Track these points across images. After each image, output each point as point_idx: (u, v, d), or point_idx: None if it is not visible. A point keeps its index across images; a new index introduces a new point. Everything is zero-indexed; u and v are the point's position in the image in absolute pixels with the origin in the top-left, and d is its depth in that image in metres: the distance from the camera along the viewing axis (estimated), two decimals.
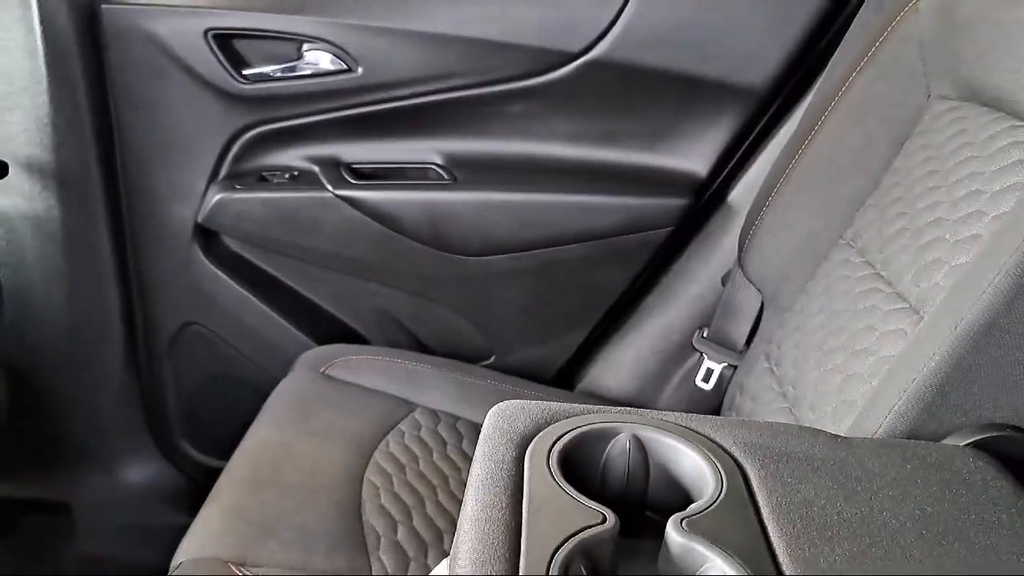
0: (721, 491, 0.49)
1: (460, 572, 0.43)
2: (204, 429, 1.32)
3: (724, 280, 1.12)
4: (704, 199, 1.16)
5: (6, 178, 1.15)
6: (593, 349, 1.24)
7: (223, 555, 0.75)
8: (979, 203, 0.70)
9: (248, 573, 0.74)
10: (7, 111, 1.11)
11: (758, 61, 1.08)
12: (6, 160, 1.14)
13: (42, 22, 1.08)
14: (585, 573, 0.44)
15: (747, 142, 1.13)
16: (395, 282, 1.21)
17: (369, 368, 1.09)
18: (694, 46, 1.08)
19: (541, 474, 0.49)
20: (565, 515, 0.46)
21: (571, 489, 0.48)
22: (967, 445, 0.56)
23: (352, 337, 1.25)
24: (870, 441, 0.55)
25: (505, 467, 0.50)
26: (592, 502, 0.47)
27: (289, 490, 0.84)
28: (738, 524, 0.46)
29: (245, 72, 1.12)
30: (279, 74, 1.13)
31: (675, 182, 1.14)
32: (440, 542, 0.83)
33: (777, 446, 0.53)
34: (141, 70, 1.12)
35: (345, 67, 1.12)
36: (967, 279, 0.59)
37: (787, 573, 0.43)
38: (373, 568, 0.78)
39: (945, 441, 0.57)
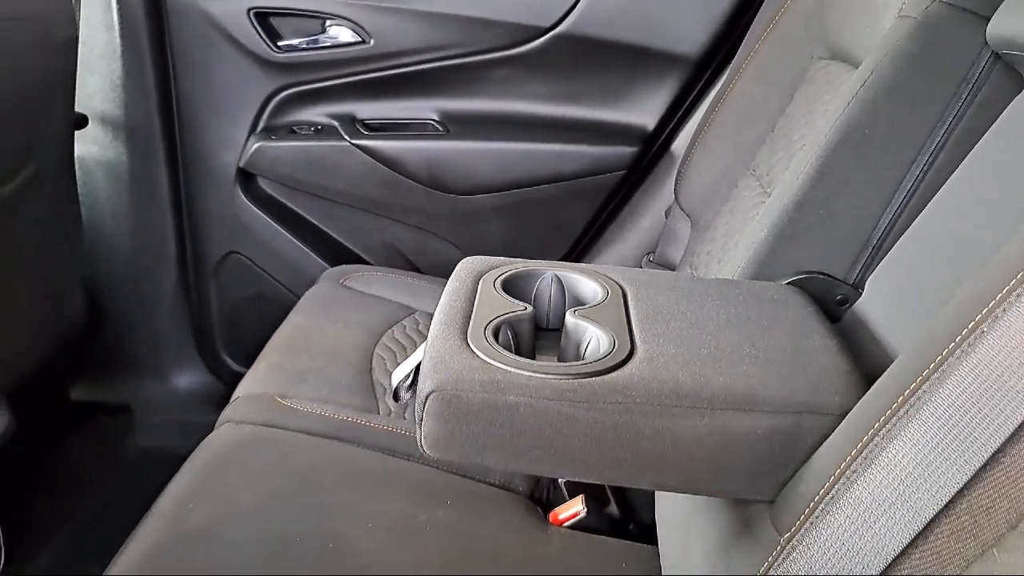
0: (605, 298, 0.74)
1: (431, 335, 0.69)
2: (241, 342, 1.58)
3: (667, 214, 1.37)
4: (651, 148, 1.41)
5: (84, 129, 1.42)
6: None
7: (270, 391, 1.02)
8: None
9: (288, 403, 1.00)
10: (87, 74, 1.38)
11: (693, 35, 1.33)
12: (86, 114, 1.41)
13: (118, 2, 1.34)
14: (510, 338, 0.70)
15: (687, 102, 1.39)
16: (398, 216, 1.47)
17: (379, 282, 1.35)
18: (642, 22, 1.33)
19: (488, 288, 0.75)
20: (499, 306, 0.71)
21: (506, 295, 0.74)
22: (786, 284, 0.81)
23: (363, 264, 1.52)
24: (717, 279, 0.81)
25: (466, 285, 0.76)
26: (519, 302, 0.73)
27: (317, 355, 1.10)
28: (612, 314, 0.72)
29: (279, 43, 1.39)
30: (306, 45, 1.40)
31: (627, 133, 1.40)
32: None
33: (651, 280, 0.79)
34: (196, 41, 1.38)
35: (360, 40, 1.38)
36: (790, 175, 0.84)
37: (636, 337, 0.68)
38: (380, 408, 1.04)
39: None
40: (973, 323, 0.51)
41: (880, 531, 0.52)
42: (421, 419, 0.62)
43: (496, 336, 0.68)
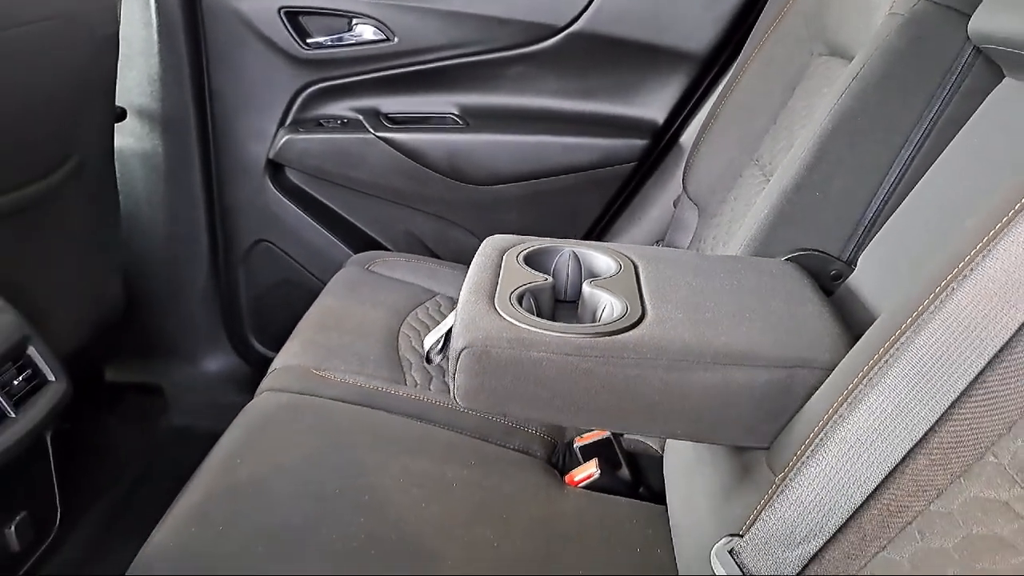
0: (618, 271, 0.81)
1: (461, 300, 0.76)
2: (268, 326, 1.66)
3: (675, 203, 1.44)
4: (661, 141, 1.48)
5: (123, 122, 1.50)
6: None
7: (304, 364, 1.09)
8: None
9: (322, 374, 1.07)
10: (126, 69, 1.46)
11: (701, 33, 1.40)
12: (124, 107, 1.49)
13: (156, 1, 1.42)
14: (532, 304, 0.77)
15: (694, 97, 1.46)
16: (420, 206, 1.54)
17: (402, 267, 1.42)
18: (652, 21, 1.40)
19: (511, 261, 0.82)
20: (522, 276, 0.79)
21: (528, 268, 0.81)
22: (784, 260, 0.88)
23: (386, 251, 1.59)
24: (721, 256, 0.88)
25: (491, 259, 0.83)
26: (540, 273, 0.80)
27: (347, 333, 1.18)
28: (625, 285, 0.79)
29: (308, 41, 1.46)
30: (333, 43, 1.47)
31: (638, 127, 1.47)
32: None
33: (660, 255, 0.86)
34: (229, 39, 1.46)
35: (384, 37, 1.45)
36: (788, 160, 0.91)
37: (646, 303, 0.75)
38: (407, 380, 1.11)
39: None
40: (944, 282, 0.58)
41: (862, 466, 0.59)
42: (454, 373, 0.69)
43: (520, 302, 0.76)
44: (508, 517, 0.88)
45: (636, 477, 1.02)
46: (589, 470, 0.98)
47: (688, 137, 1.45)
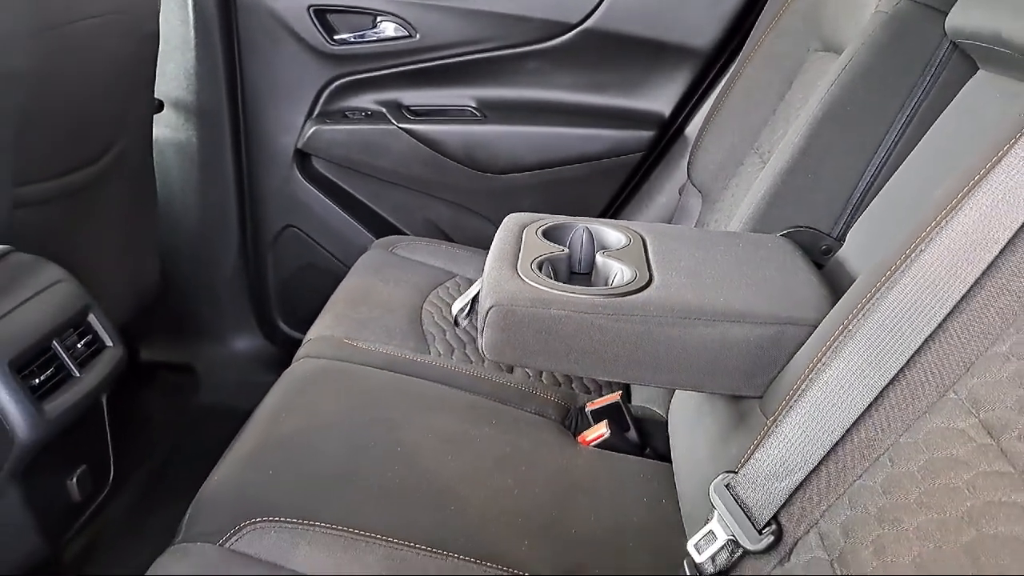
0: (628, 244, 0.90)
1: (487, 267, 0.85)
2: (294, 308, 1.75)
3: (680, 191, 1.53)
4: (667, 132, 1.57)
5: (160, 113, 1.59)
6: None
7: (337, 335, 1.18)
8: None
9: (353, 344, 1.16)
10: (165, 63, 1.55)
11: (705, 30, 1.49)
12: (162, 99, 1.58)
13: (193, 1, 1.52)
14: (551, 272, 0.86)
15: (699, 90, 1.54)
16: (439, 193, 1.63)
17: (423, 250, 1.51)
18: (659, 19, 1.49)
19: (531, 234, 0.91)
20: (541, 247, 0.87)
21: (546, 240, 0.90)
22: (779, 236, 0.97)
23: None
24: (721, 232, 0.97)
25: (513, 233, 0.92)
26: (557, 245, 0.89)
27: (374, 308, 1.27)
28: (634, 255, 0.87)
29: (335, 37, 1.55)
30: (358, 39, 1.56)
31: (645, 119, 1.55)
32: (473, 343, 1.25)
33: (666, 230, 0.95)
34: (261, 35, 1.55)
35: (407, 34, 1.54)
36: (783, 145, 1.00)
37: (653, 271, 0.84)
38: (431, 351, 1.20)
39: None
40: (913, 245, 0.67)
41: (840, 406, 0.67)
42: (482, 329, 0.78)
43: (540, 269, 0.85)
44: (526, 469, 0.96)
45: (643, 439, 1.11)
46: (600, 430, 1.07)
47: (693, 129, 1.54)
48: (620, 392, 1.14)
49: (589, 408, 1.11)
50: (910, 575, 0.55)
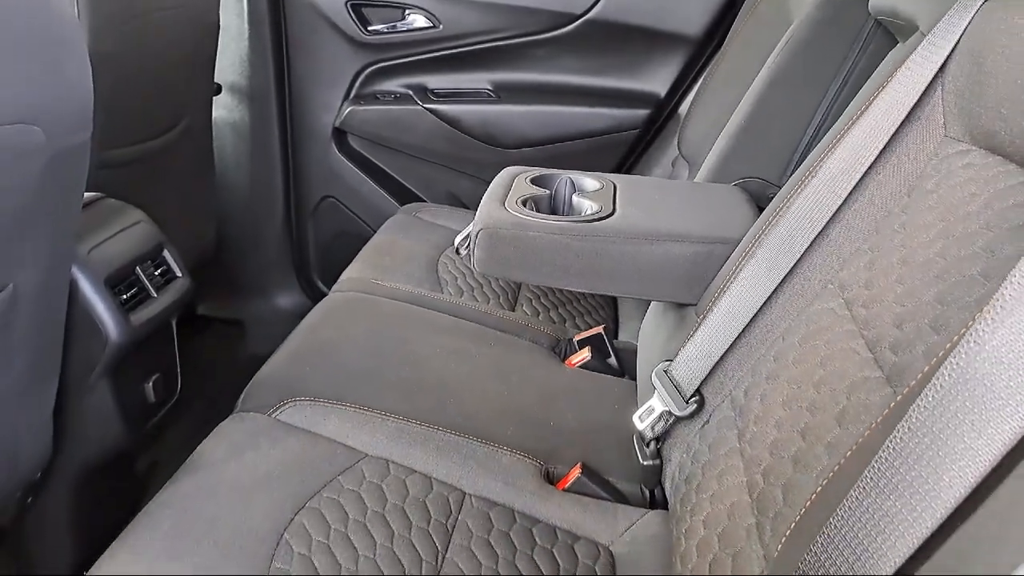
0: (600, 188, 1.09)
1: (481, 204, 1.04)
2: (331, 269, 1.96)
3: (673, 163, 1.71)
4: (663, 111, 1.75)
5: (219, 96, 1.82)
6: None
7: (365, 276, 1.39)
8: None
9: (379, 282, 1.37)
10: (223, 52, 1.77)
11: (696, 19, 1.67)
12: (220, 83, 1.81)
13: None
14: (533, 207, 1.05)
15: (691, 73, 1.72)
16: (458, 167, 1.83)
17: (443, 215, 1.71)
18: (655, 9, 1.67)
19: (521, 181, 1.10)
20: (527, 190, 1.07)
21: (533, 186, 1.09)
22: (732, 185, 1.15)
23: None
24: (682, 181, 1.15)
25: (504, 179, 1.11)
26: (542, 189, 1.08)
27: (398, 257, 1.47)
28: (604, 196, 1.06)
29: (369, 28, 1.77)
30: (389, 30, 1.77)
31: (642, 99, 1.74)
32: (481, 287, 1.44)
33: (636, 180, 1.13)
34: (305, 27, 1.77)
35: (432, 25, 1.75)
36: (738, 108, 1.18)
37: (617, 207, 1.03)
38: (444, 292, 1.40)
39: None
40: (810, 170, 0.84)
41: (749, 299, 0.85)
42: (473, 248, 0.98)
43: (523, 205, 1.04)
44: (517, 379, 1.15)
45: (622, 367, 1.29)
46: (584, 355, 1.25)
47: (685, 107, 1.72)
48: (604, 326, 1.33)
49: (576, 338, 1.30)
50: (779, 411, 0.74)
